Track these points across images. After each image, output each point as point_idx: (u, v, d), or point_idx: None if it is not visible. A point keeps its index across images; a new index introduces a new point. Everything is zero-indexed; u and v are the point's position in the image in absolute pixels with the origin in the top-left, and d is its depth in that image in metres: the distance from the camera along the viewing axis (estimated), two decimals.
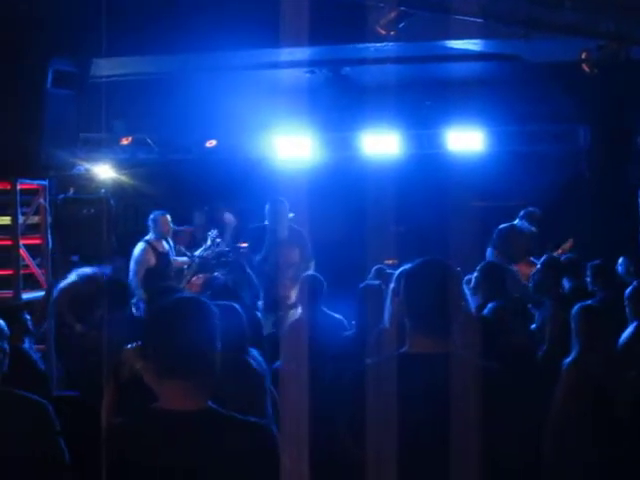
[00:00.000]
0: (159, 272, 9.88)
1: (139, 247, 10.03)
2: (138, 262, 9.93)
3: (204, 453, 2.72)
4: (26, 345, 5.15)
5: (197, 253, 10.52)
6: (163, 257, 10.08)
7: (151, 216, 10.16)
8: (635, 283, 6.50)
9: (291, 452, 2.73)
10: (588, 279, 7.91)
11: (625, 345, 5.93)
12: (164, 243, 10.17)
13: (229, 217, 10.66)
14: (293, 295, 8.65)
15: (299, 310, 7.27)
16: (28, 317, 3.59)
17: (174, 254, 10.39)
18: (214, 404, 2.83)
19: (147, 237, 10.08)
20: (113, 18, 8.37)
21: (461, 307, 3.30)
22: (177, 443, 2.74)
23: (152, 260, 9.95)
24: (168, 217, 10.19)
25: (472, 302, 6.26)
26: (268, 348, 5.80)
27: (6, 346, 3.65)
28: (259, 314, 7.27)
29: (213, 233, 10.60)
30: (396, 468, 3.02)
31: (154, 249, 9.99)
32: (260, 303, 8.55)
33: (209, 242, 10.53)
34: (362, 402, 3.15)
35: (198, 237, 11.86)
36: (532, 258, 10.45)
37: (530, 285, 7.69)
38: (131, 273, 9.92)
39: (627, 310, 6.34)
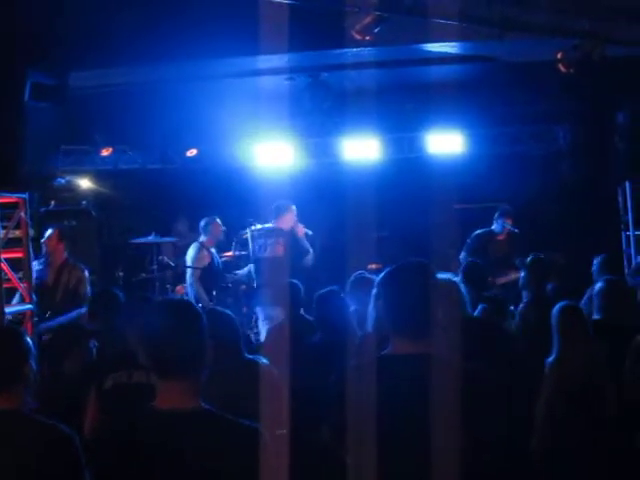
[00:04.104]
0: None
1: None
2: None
3: (196, 451, 2.77)
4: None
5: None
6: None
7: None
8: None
9: (275, 453, 2.76)
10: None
11: None
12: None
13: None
14: None
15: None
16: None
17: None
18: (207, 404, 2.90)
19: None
20: (90, 30, 8.36)
21: (441, 308, 3.31)
22: (170, 441, 2.80)
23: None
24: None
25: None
26: None
27: (34, 365, 3.63)
28: None
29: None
30: (378, 468, 3.03)
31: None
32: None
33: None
34: (345, 404, 3.17)
35: (180, 246, 11.79)
36: (515, 263, 10.29)
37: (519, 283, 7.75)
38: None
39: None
